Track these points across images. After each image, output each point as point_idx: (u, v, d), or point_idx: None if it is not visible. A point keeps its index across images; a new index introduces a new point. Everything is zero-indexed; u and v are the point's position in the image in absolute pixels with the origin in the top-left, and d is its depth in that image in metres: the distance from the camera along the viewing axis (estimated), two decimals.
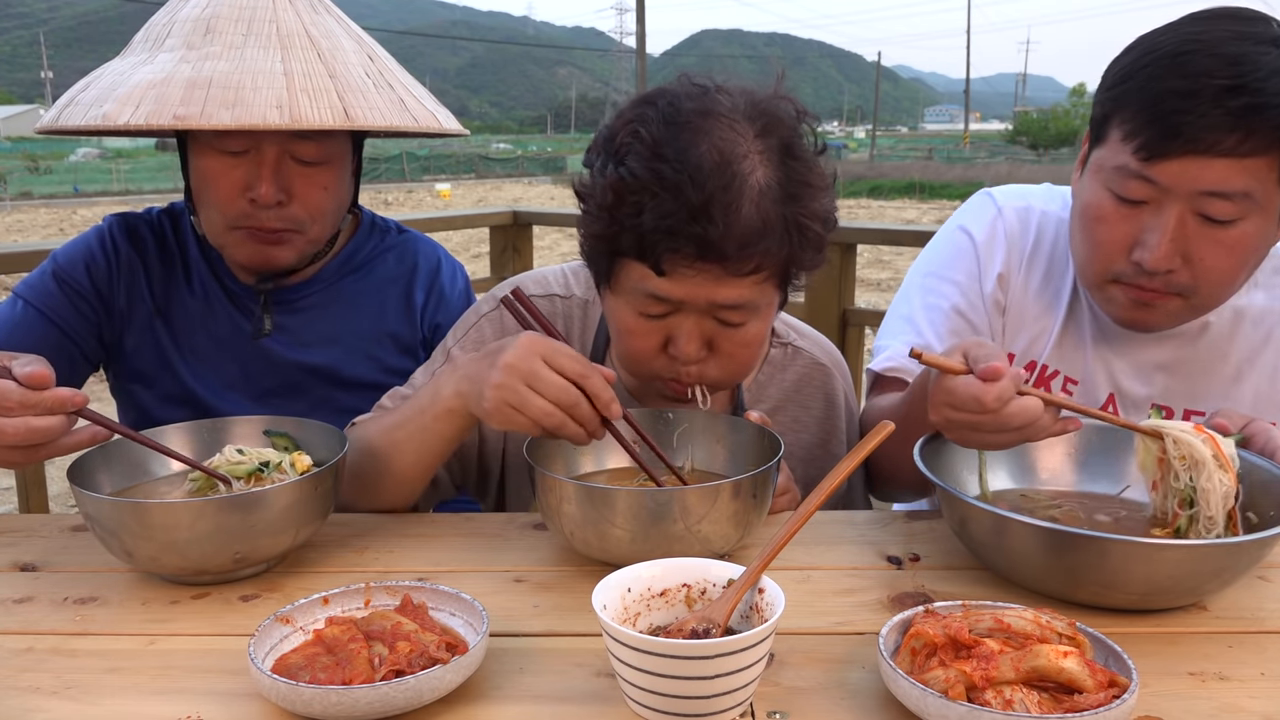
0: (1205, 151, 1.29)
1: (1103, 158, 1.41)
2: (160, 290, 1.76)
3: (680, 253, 1.25)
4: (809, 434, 1.62)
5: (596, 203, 1.30)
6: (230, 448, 1.34)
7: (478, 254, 13.93)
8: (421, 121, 1.58)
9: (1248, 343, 1.56)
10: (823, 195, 1.31)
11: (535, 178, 46.50)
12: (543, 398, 1.21)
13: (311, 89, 1.48)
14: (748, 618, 1.02)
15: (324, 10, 1.65)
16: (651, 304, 1.33)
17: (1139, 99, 1.34)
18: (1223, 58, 1.28)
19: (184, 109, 1.41)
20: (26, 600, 1.20)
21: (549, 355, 1.22)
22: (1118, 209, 1.39)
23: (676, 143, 1.23)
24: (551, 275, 1.66)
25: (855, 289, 3.49)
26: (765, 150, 1.26)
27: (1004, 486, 1.38)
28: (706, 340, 1.35)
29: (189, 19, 1.55)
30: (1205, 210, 1.33)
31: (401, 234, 1.92)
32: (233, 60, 1.49)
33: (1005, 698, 0.89)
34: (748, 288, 1.30)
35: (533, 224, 4.02)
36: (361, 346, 1.80)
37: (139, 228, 1.78)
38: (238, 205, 1.59)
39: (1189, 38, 1.32)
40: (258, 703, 0.97)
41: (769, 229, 1.25)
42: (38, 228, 21.61)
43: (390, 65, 1.66)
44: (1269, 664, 1.03)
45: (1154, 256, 1.35)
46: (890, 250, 15.26)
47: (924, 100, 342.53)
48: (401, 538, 1.37)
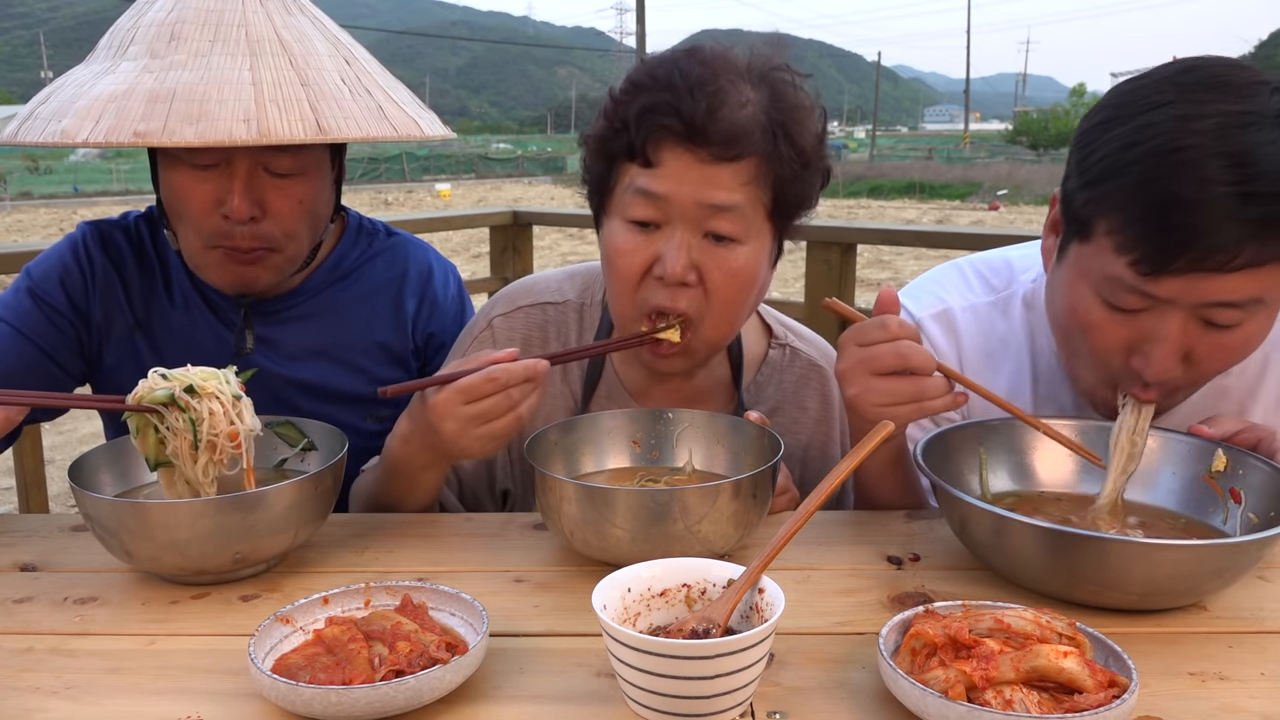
0: (1216, 269, 1.15)
1: (1089, 261, 1.26)
2: (140, 302, 1.68)
3: (666, 132, 1.31)
4: (806, 434, 1.62)
5: (598, 119, 1.40)
6: (154, 373, 1.25)
7: (478, 254, 13.93)
8: (401, 130, 1.47)
9: (1245, 376, 1.47)
10: (810, 118, 1.38)
11: (535, 178, 46.53)
12: (497, 420, 1.26)
13: (281, 99, 1.39)
14: (748, 618, 1.02)
15: (298, 11, 1.54)
16: (641, 204, 1.35)
17: (1134, 205, 1.18)
18: (1228, 155, 1.12)
19: (144, 124, 1.32)
20: (26, 600, 1.20)
21: (465, 397, 1.26)
22: (1111, 317, 1.26)
23: (671, 57, 1.37)
24: (543, 282, 1.65)
25: (855, 289, 3.49)
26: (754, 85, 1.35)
27: (1004, 487, 1.38)
28: (695, 262, 1.36)
29: (153, 24, 1.45)
30: (1210, 318, 1.21)
31: (390, 237, 1.83)
32: (198, 70, 1.39)
33: (1005, 698, 0.89)
34: (737, 190, 1.33)
35: (533, 224, 4.03)
36: (349, 359, 1.73)
37: (114, 236, 1.70)
38: (210, 222, 1.51)
39: (1184, 126, 1.15)
40: (258, 703, 0.97)
41: (754, 122, 1.32)
42: (38, 228, 21.62)
43: (370, 68, 1.55)
44: (1269, 664, 1.03)
45: (1155, 369, 1.24)
46: (890, 250, 15.27)
47: (924, 100, 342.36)
48: (401, 538, 1.37)
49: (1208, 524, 1.28)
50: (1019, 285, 1.56)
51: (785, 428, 1.60)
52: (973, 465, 1.37)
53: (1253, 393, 1.48)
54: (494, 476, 1.62)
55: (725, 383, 1.60)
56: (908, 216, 24.68)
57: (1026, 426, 1.39)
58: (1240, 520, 1.25)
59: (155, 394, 1.22)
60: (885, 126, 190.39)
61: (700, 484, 1.20)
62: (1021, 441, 1.38)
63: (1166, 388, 1.29)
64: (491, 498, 1.64)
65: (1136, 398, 1.31)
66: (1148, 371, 1.26)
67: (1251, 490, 1.24)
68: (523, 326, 1.59)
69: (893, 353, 1.23)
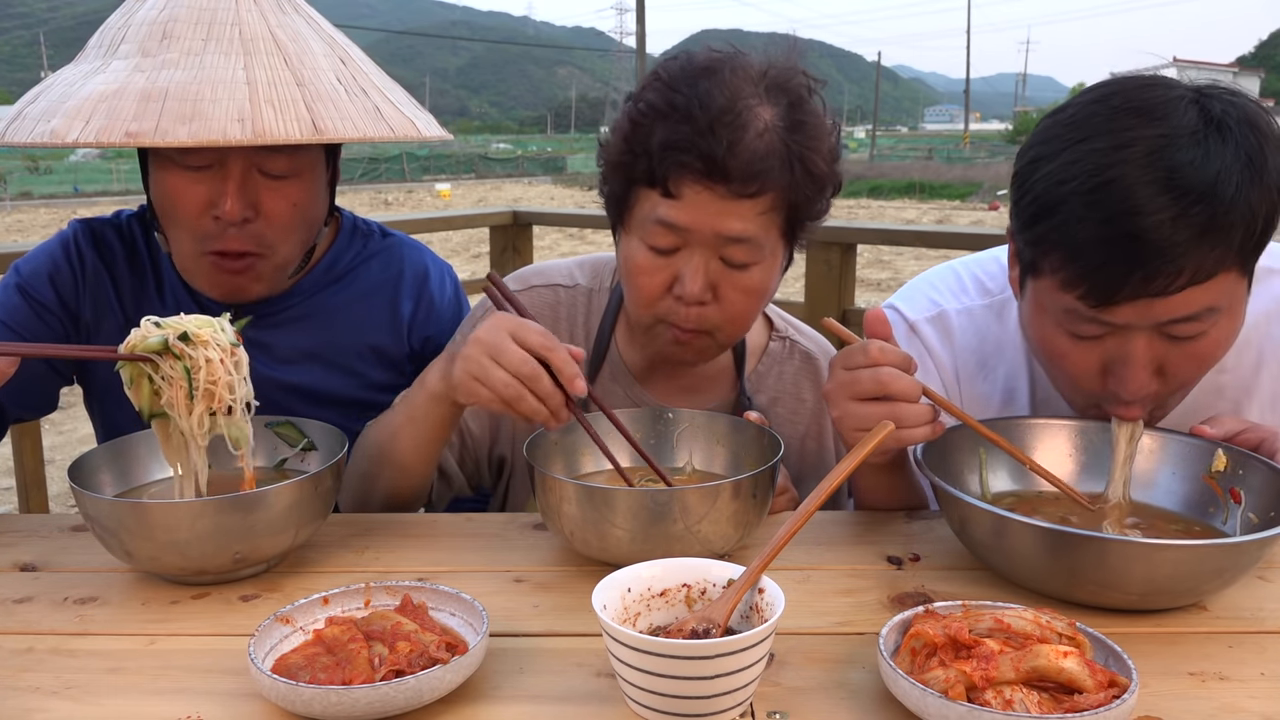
0: (1161, 292, 1.16)
1: (1044, 296, 1.27)
2: (131, 302, 1.64)
3: (688, 169, 1.32)
4: (803, 425, 1.65)
5: (616, 135, 1.41)
6: (147, 321, 1.22)
7: (478, 254, 13.94)
8: (398, 131, 1.45)
9: (1239, 373, 1.47)
10: (826, 137, 1.39)
11: (535, 178, 46.52)
12: (504, 370, 1.23)
13: (277, 99, 1.36)
14: (748, 618, 1.02)
15: (292, 10, 1.51)
16: (661, 234, 1.37)
17: (1070, 243, 1.18)
18: (1153, 183, 1.13)
19: (137, 124, 1.30)
20: (26, 600, 1.20)
21: (516, 330, 1.25)
22: (1077, 345, 1.27)
23: (689, 80, 1.35)
24: (555, 266, 1.68)
25: (855, 289, 3.50)
26: (773, 103, 1.35)
27: (1004, 487, 1.38)
28: (711, 283, 1.39)
29: (145, 22, 1.42)
30: (1172, 333, 1.22)
31: (385, 238, 1.80)
32: (191, 68, 1.36)
33: (1005, 698, 0.89)
34: (753, 220, 1.35)
35: (533, 224, 4.03)
36: (343, 362, 1.70)
37: (106, 234, 1.67)
38: (202, 224, 1.48)
39: (1106, 158, 1.15)
40: (258, 703, 0.97)
41: (772, 153, 1.33)
42: (38, 228, 21.61)
43: (365, 68, 1.53)
44: (1269, 664, 1.03)
45: (1130, 388, 1.26)
46: (890, 250, 15.27)
47: (924, 100, 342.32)
48: (401, 538, 1.37)
49: (1208, 524, 1.28)
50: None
51: (784, 418, 1.63)
52: (973, 465, 1.37)
53: (1248, 390, 1.48)
54: (497, 439, 1.62)
55: (728, 371, 1.62)
56: (908, 216, 24.68)
57: (1026, 427, 1.39)
58: (1240, 520, 1.25)
59: (149, 341, 1.19)
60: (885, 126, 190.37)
61: (700, 484, 1.20)
62: (1021, 442, 1.38)
63: (1148, 403, 1.30)
64: (489, 461, 1.64)
65: (1122, 418, 1.31)
66: (1124, 391, 1.27)
67: (1251, 490, 1.24)
68: (534, 305, 1.60)
69: (872, 379, 1.23)
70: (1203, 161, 1.13)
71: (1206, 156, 1.14)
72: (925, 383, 1.26)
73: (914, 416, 1.22)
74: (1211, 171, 1.13)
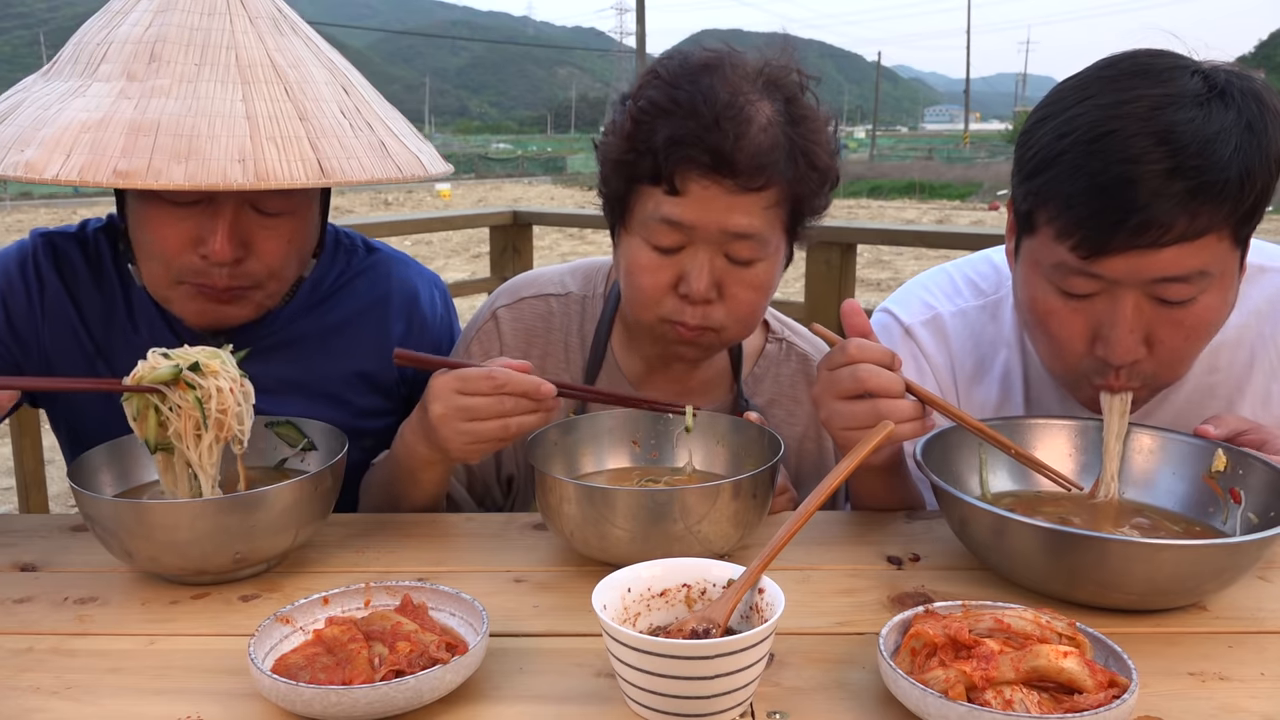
0: (1151, 244, 1.18)
1: (1036, 252, 1.29)
2: (99, 327, 1.51)
3: (693, 164, 1.32)
4: (801, 426, 1.65)
5: (616, 134, 1.40)
6: (154, 353, 1.19)
7: (478, 254, 13.90)
8: (405, 170, 1.35)
9: (1231, 372, 1.47)
10: (825, 130, 1.40)
11: (535, 178, 46.52)
12: (484, 421, 1.25)
13: (279, 136, 1.25)
14: (748, 618, 1.02)
15: (289, 30, 1.39)
16: (664, 232, 1.37)
17: (1064, 194, 1.21)
18: (1151, 135, 1.16)
19: (126, 162, 1.18)
20: (26, 600, 1.20)
21: (461, 386, 1.26)
22: (1066, 304, 1.29)
23: (690, 76, 1.35)
24: (546, 274, 1.68)
25: (855, 289, 3.50)
26: (771, 99, 1.36)
27: (1004, 487, 1.38)
28: (716, 280, 1.39)
29: (129, 40, 1.29)
30: (1161, 294, 1.23)
31: (370, 254, 1.68)
32: (184, 98, 1.24)
33: (1005, 698, 0.89)
34: (759, 214, 1.35)
35: (533, 224, 4.03)
36: (329, 390, 1.59)
37: (69, 251, 1.52)
38: (185, 260, 1.37)
39: (1107, 112, 1.19)
40: (258, 703, 0.97)
41: (776, 146, 1.34)
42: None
43: (368, 96, 1.42)
44: (1269, 664, 1.03)
45: (1117, 352, 1.26)
46: (890, 250, 15.27)
47: (924, 100, 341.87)
48: (401, 538, 1.37)
49: (1208, 524, 1.28)
50: (1007, 289, 1.56)
51: (781, 419, 1.63)
52: (973, 465, 1.37)
53: (1240, 389, 1.49)
54: (501, 460, 1.63)
55: (725, 375, 1.62)
56: (908, 216, 24.68)
57: (1025, 427, 1.39)
58: (1240, 520, 1.25)
59: (158, 372, 1.18)
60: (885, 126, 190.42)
61: (700, 484, 1.20)
62: (1021, 442, 1.38)
63: (1135, 373, 1.30)
64: (499, 482, 1.64)
65: (1110, 388, 1.32)
66: (1112, 356, 1.27)
67: (1251, 490, 1.24)
68: (527, 317, 1.60)
69: (850, 377, 1.23)
70: (1203, 121, 1.17)
71: (1207, 118, 1.17)
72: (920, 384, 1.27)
73: (898, 412, 1.23)
74: (1210, 130, 1.16)
